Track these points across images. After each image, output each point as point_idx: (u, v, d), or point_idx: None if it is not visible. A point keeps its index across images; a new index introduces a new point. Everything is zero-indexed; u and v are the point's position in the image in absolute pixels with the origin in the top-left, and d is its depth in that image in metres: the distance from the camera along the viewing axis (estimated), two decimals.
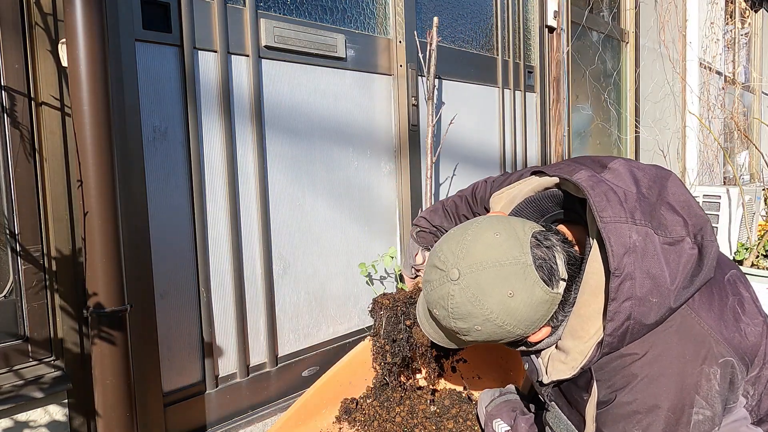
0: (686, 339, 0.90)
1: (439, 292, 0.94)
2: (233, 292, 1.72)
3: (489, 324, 0.91)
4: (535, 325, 0.94)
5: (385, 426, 1.41)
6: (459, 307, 0.92)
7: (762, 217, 3.84)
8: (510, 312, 0.90)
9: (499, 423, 1.21)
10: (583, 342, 0.93)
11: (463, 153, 2.58)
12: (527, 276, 0.90)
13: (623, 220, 0.88)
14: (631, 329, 0.88)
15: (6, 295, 1.35)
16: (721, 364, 0.90)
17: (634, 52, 4.08)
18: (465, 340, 0.99)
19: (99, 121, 1.18)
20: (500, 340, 0.96)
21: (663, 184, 0.97)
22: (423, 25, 2.36)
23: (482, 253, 0.91)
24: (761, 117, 6.48)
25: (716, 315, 0.93)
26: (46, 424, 1.39)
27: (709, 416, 0.88)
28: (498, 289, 0.89)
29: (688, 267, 0.90)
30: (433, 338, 1.07)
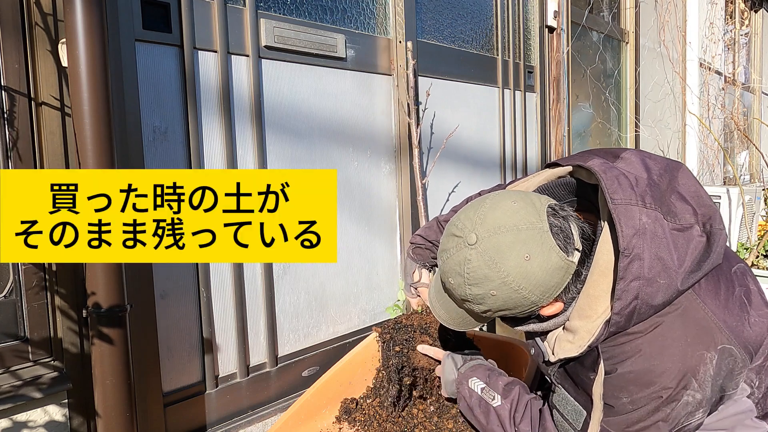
0: (690, 323, 0.92)
1: (455, 258, 0.95)
2: (233, 292, 1.72)
3: (505, 288, 0.92)
4: (550, 293, 0.94)
5: (385, 426, 1.41)
6: (475, 271, 0.92)
7: (762, 217, 3.84)
8: (526, 275, 0.90)
9: (475, 381, 1.20)
10: (591, 321, 0.94)
11: (462, 153, 2.58)
12: (544, 241, 0.91)
13: (633, 203, 0.90)
14: (638, 309, 0.89)
15: (6, 295, 1.35)
16: (720, 350, 0.91)
17: (634, 51, 4.08)
18: (478, 311, 0.98)
19: (99, 121, 1.18)
20: (513, 308, 0.96)
21: (674, 174, 0.99)
22: (423, 25, 2.36)
23: (500, 219, 0.93)
24: (761, 117, 6.48)
25: (722, 303, 0.95)
26: (45, 424, 1.39)
27: (699, 399, 0.91)
28: (515, 252, 0.90)
29: (696, 252, 0.92)
30: (443, 320, 1.07)
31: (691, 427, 0.94)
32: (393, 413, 1.43)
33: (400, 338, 1.43)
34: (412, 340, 1.43)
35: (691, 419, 0.93)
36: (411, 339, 1.44)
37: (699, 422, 0.94)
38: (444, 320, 1.07)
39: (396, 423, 1.41)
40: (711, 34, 4.92)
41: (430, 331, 1.47)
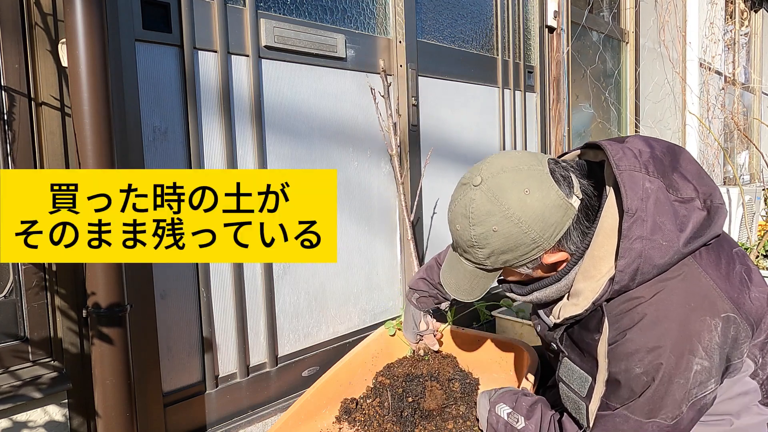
0: (692, 289, 0.94)
1: (461, 202, 1.02)
2: (233, 292, 1.72)
3: (506, 223, 0.97)
4: (549, 231, 0.97)
5: (385, 426, 1.41)
6: (479, 209, 0.98)
7: (762, 217, 3.84)
8: (525, 208, 0.96)
9: (501, 406, 1.21)
10: (595, 281, 0.97)
11: (462, 152, 2.58)
12: (543, 180, 0.97)
13: (637, 170, 0.95)
14: (641, 268, 0.93)
15: (6, 295, 1.35)
16: (724, 318, 0.93)
17: (634, 51, 4.08)
18: (482, 258, 1.02)
19: (99, 121, 1.18)
20: (515, 249, 0.99)
21: (676, 156, 1.03)
22: (423, 25, 2.36)
23: (503, 162, 1.01)
24: (761, 117, 6.48)
25: (723, 275, 0.97)
26: (45, 424, 1.39)
27: (707, 367, 0.92)
28: (516, 187, 0.97)
29: (696, 222, 0.96)
30: (453, 290, 1.12)
31: (707, 399, 0.95)
32: None
33: (414, 390, 1.45)
34: (424, 390, 1.45)
35: (704, 390, 0.94)
36: (424, 389, 1.46)
37: (713, 394, 0.95)
38: (455, 291, 1.12)
39: (396, 423, 1.41)
40: (711, 34, 4.92)
41: (440, 378, 1.49)
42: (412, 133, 2.25)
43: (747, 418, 1.03)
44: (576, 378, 1.05)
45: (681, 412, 0.93)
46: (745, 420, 1.03)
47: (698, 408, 0.95)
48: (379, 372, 1.57)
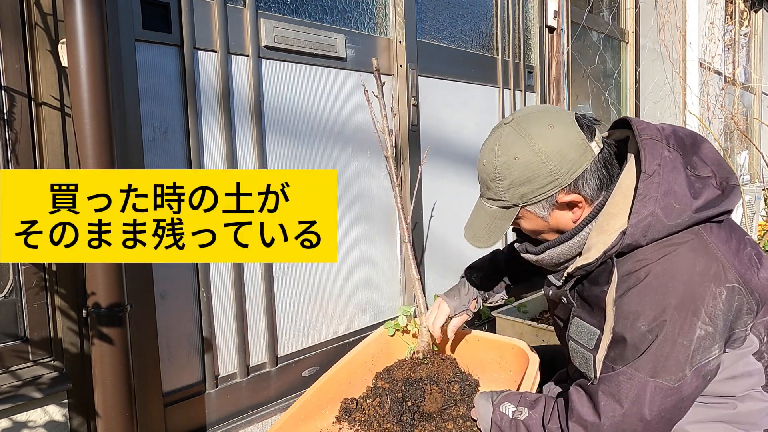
0: (700, 256, 0.97)
1: (491, 138, 1.10)
2: (233, 292, 1.72)
3: (527, 151, 1.03)
4: (567, 166, 1.02)
5: (385, 426, 1.41)
6: (505, 141, 1.06)
7: (762, 217, 3.84)
8: (547, 140, 1.02)
9: (506, 405, 1.21)
10: (607, 235, 1.02)
11: (462, 153, 2.58)
12: (567, 121, 1.05)
13: (659, 140, 1.02)
14: (653, 225, 0.97)
15: (6, 295, 1.35)
16: (729, 288, 0.96)
17: (634, 52, 4.08)
18: (501, 191, 1.07)
19: (99, 121, 1.18)
20: (533, 179, 1.04)
21: (697, 142, 1.08)
22: (423, 25, 2.36)
23: (534, 107, 1.10)
24: (761, 117, 6.48)
25: (732, 251, 1.00)
26: (45, 424, 1.39)
27: (710, 332, 0.95)
28: (541, 122, 1.05)
29: (710, 195, 1.01)
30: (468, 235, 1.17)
31: (711, 366, 0.97)
32: None
33: (413, 395, 1.45)
34: (423, 394, 1.45)
35: (708, 356, 0.96)
36: (423, 393, 1.46)
37: (717, 361, 0.98)
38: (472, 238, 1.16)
39: (396, 424, 1.41)
40: (711, 34, 4.92)
41: (439, 381, 1.49)
42: (412, 133, 2.25)
43: (750, 404, 1.04)
44: (585, 333, 1.08)
45: (684, 375, 0.95)
46: (748, 405, 1.04)
47: (702, 374, 0.96)
48: (379, 374, 1.56)
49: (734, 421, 1.05)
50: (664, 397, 0.96)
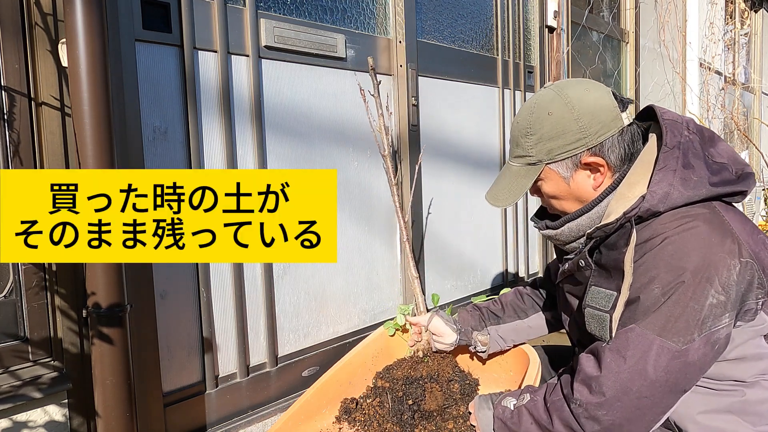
0: (716, 228, 1.00)
1: (531, 100, 1.16)
2: (233, 292, 1.72)
3: (562, 108, 1.09)
4: (596, 127, 1.07)
5: (385, 426, 1.41)
6: (543, 98, 1.12)
7: (762, 217, 3.84)
8: (582, 100, 1.08)
9: (508, 399, 1.21)
10: (627, 201, 1.05)
11: (462, 153, 2.58)
12: (603, 89, 1.12)
13: (680, 123, 1.08)
14: (671, 194, 1.01)
15: (6, 295, 1.35)
16: (743, 262, 0.98)
17: (634, 52, 4.08)
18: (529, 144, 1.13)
19: (99, 121, 1.18)
20: (563, 133, 1.09)
21: (714, 138, 1.13)
22: (423, 25, 2.36)
23: (575, 78, 1.18)
24: (761, 117, 6.48)
25: (747, 232, 1.03)
26: (45, 424, 1.39)
27: (723, 301, 0.96)
28: (580, 86, 1.12)
29: (726, 176, 1.06)
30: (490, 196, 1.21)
31: (720, 334, 0.98)
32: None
33: (414, 393, 1.45)
34: (424, 392, 1.45)
35: (718, 324, 0.97)
36: (423, 392, 1.45)
37: (727, 330, 0.98)
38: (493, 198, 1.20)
39: (396, 423, 1.41)
40: (711, 34, 4.92)
41: (439, 379, 1.49)
42: (411, 133, 2.25)
43: (760, 392, 1.05)
44: (602, 297, 1.09)
45: (692, 338, 0.96)
46: (757, 393, 1.05)
47: (711, 342, 0.97)
48: (379, 374, 1.56)
49: (742, 411, 1.05)
50: (670, 359, 0.96)
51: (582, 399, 1.01)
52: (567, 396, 1.05)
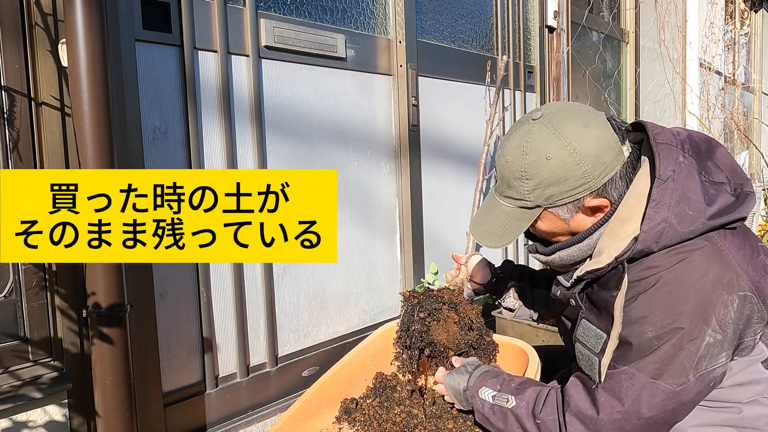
0: (713, 263, 0.96)
1: (518, 133, 1.03)
2: (233, 292, 1.72)
3: (561, 151, 0.98)
4: (600, 169, 0.99)
5: (385, 426, 1.40)
6: (535, 138, 1.00)
7: (762, 217, 3.84)
8: (583, 140, 0.98)
9: (485, 390, 1.19)
10: (619, 240, 0.99)
11: (463, 153, 2.58)
12: (601, 121, 1.01)
13: (674, 145, 1.00)
14: (665, 232, 0.96)
15: (6, 295, 1.35)
16: (741, 296, 0.94)
17: (634, 52, 4.08)
18: (526, 191, 1.03)
19: (99, 121, 1.18)
20: (563, 181, 1.00)
21: (712, 147, 1.06)
22: (423, 25, 2.36)
23: (564, 104, 1.05)
24: (761, 117, 6.48)
25: (745, 257, 0.99)
26: (45, 424, 1.39)
27: (720, 340, 0.94)
28: (576, 120, 1.00)
29: (724, 202, 0.99)
30: (479, 232, 1.12)
31: (716, 373, 0.96)
32: (392, 406, 1.41)
33: (429, 306, 1.37)
34: (438, 312, 1.37)
35: (714, 363, 0.95)
36: (438, 310, 1.37)
37: (723, 368, 0.97)
38: (485, 236, 1.11)
39: (396, 423, 1.41)
40: (711, 34, 4.92)
41: (459, 310, 1.41)
42: (412, 133, 2.25)
43: (756, 409, 1.04)
44: (592, 336, 1.07)
45: (687, 380, 0.94)
46: (755, 410, 1.04)
47: (706, 381, 0.96)
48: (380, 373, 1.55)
49: (739, 426, 1.04)
50: (664, 400, 0.96)
51: None
52: (560, 424, 1.06)
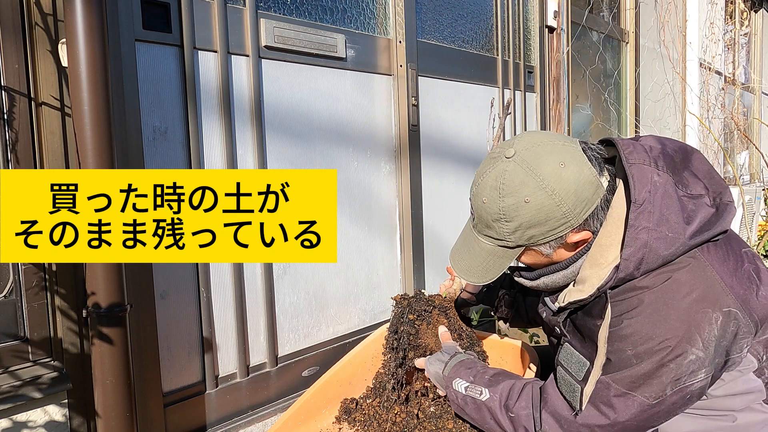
0: (696, 280, 0.95)
1: (492, 173, 1.00)
2: (233, 292, 1.72)
3: (539, 193, 0.95)
4: (581, 206, 0.97)
5: (385, 426, 1.41)
6: (512, 179, 0.97)
7: (762, 217, 3.84)
8: (561, 180, 0.95)
9: (458, 381, 1.21)
10: (601, 268, 0.98)
11: (463, 153, 2.58)
12: (577, 155, 0.98)
13: (647, 164, 0.97)
14: (646, 258, 0.94)
15: (6, 295, 1.35)
16: (725, 313, 0.94)
17: (634, 52, 4.08)
18: (506, 233, 1.01)
19: (99, 121, 1.18)
20: (544, 222, 0.98)
21: (688, 156, 1.04)
22: (423, 25, 2.36)
23: (536, 137, 1.00)
24: (761, 117, 6.48)
25: (730, 270, 0.98)
26: (45, 424, 1.39)
27: (701, 357, 0.93)
28: (552, 158, 0.96)
29: (704, 217, 0.97)
30: (460, 269, 1.10)
31: (694, 387, 0.96)
32: (392, 406, 1.42)
33: (418, 308, 1.38)
34: (427, 315, 1.37)
35: (694, 379, 0.95)
36: (427, 313, 1.38)
37: (702, 383, 0.96)
38: (466, 273, 1.09)
39: (396, 423, 1.41)
40: (711, 34, 4.92)
41: (448, 314, 1.42)
42: (412, 133, 2.25)
43: (750, 416, 1.04)
44: (575, 362, 1.06)
45: (665, 394, 0.95)
46: (749, 417, 1.04)
47: (683, 394, 0.96)
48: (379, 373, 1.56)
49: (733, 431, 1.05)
50: (640, 410, 0.96)
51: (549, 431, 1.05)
52: (535, 419, 1.08)
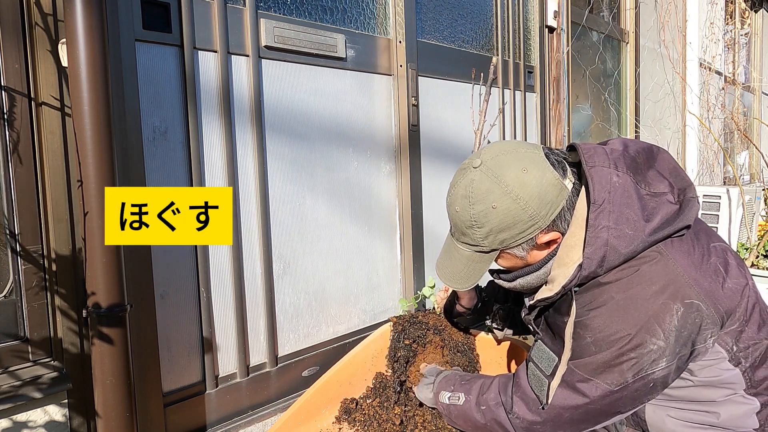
0: (657, 273, 0.99)
1: (461, 183, 1.06)
2: (233, 292, 1.72)
3: (505, 199, 1.01)
4: (546, 209, 1.02)
5: (385, 426, 1.41)
6: (479, 187, 1.03)
7: (762, 217, 3.84)
8: (524, 185, 1.01)
9: (443, 394, 1.29)
10: (567, 268, 1.03)
11: (462, 153, 2.58)
12: (539, 161, 1.03)
13: (606, 166, 1.02)
14: (607, 256, 0.98)
15: (6, 295, 1.35)
16: (687, 304, 0.97)
17: (634, 52, 4.08)
18: (480, 238, 1.06)
19: (99, 121, 1.18)
20: (513, 226, 1.03)
21: (653, 155, 1.09)
22: (423, 25, 2.36)
23: (501, 147, 1.07)
24: (761, 117, 6.48)
25: (694, 263, 1.01)
26: (45, 424, 1.39)
27: (662, 347, 0.97)
28: (514, 165, 1.02)
29: (666, 213, 1.01)
30: (445, 276, 1.16)
31: (656, 375, 0.99)
32: (392, 406, 1.43)
33: (413, 333, 1.44)
34: (423, 338, 1.43)
35: (654, 367, 0.98)
36: (423, 336, 1.44)
37: (665, 372, 0.99)
38: (450, 279, 1.15)
39: (396, 424, 1.41)
40: (711, 34, 4.92)
41: (443, 334, 1.47)
42: (412, 133, 2.25)
43: (733, 408, 1.05)
44: (545, 358, 1.10)
45: (626, 381, 0.99)
46: (731, 410, 1.05)
47: (646, 382, 0.99)
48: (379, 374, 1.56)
49: (721, 426, 1.07)
50: (602, 395, 1.01)
51: (519, 413, 1.11)
52: (505, 404, 1.14)
